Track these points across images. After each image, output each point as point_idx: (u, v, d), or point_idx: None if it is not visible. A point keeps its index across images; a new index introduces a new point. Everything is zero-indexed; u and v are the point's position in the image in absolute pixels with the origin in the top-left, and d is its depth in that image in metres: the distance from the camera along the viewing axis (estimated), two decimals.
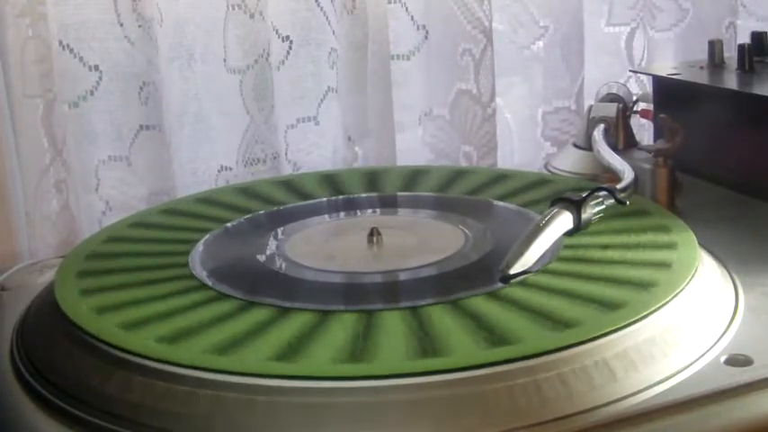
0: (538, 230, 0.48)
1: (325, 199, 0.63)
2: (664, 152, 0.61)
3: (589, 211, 0.51)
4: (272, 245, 0.55)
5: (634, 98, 0.72)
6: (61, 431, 0.39)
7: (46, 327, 0.46)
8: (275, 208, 0.62)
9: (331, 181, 0.67)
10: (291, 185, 0.66)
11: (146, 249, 0.55)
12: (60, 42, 0.67)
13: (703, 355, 0.41)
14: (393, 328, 0.42)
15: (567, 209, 0.50)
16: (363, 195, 0.64)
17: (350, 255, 0.53)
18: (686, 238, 0.50)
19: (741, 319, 0.45)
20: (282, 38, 0.75)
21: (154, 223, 0.60)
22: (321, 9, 0.76)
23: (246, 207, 0.61)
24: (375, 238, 0.54)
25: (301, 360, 0.39)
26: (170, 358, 0.40)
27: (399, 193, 0.64)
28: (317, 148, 0.79)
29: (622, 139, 0.69)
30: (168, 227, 0.59)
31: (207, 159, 0.75)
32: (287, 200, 0.63)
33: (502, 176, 0.66)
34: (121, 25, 0.69)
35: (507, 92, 0.85)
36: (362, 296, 0.49)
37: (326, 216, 0.61)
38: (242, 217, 0.60)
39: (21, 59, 0.66)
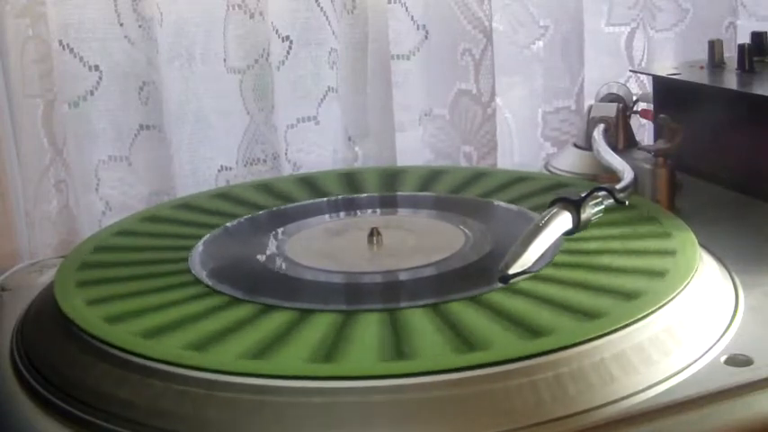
0: (537, 230, 0.48)
1: (325, 199, 0.63)
2: (664, 152, 0.61)
3: (588, 211, 0.51)
4: (271, 244, 0.55)
5: (634, 98, 0.72)
6: (61, 431, 0.39)
7: (46, 327, 0.46)
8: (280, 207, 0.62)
9: (350, 180, 0.67)
10: (311, 183, 0.66)
11: (146, 249, 0.55)
12: (60, 42, 0.67)
13: (703, 355, 0.41)
14: (369, 329, 0.42)
15: (567, 209, 0.50)
16: (364, 195, 0.64)
17: (348, 254, 0.53)
18: (686, 238, 0.50)
19: (741, 319, 0.45)
20: (282, 38, 0.75)
21: (155, 222, 0.60)
22: (321, 9, 0.76)
23: (259, 204, 0.62)
24: (375, 239, 0.54)
25: (271, 359, 0.39)
26: (153, 354, 0.40)
27: (399, 193, 0.64)
28: (317, 148, 0.79)
29: (622, 139, 0.69)
30: (168, 227, 0.59)
31: (207, 159, 0.75)
32: (305, 198, 0.63)
33: (521, 179, 0.65)
34: (121, 25, 0.69)
35: (507, 92, 0.85)
36: (345, 297, 0.49)
37: (327, 216, 0.61)
38: (244, 216, 0.60)
39: (21, 59, 0.66)
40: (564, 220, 0.50)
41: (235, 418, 0.37)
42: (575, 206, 0.50)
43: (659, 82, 0.72)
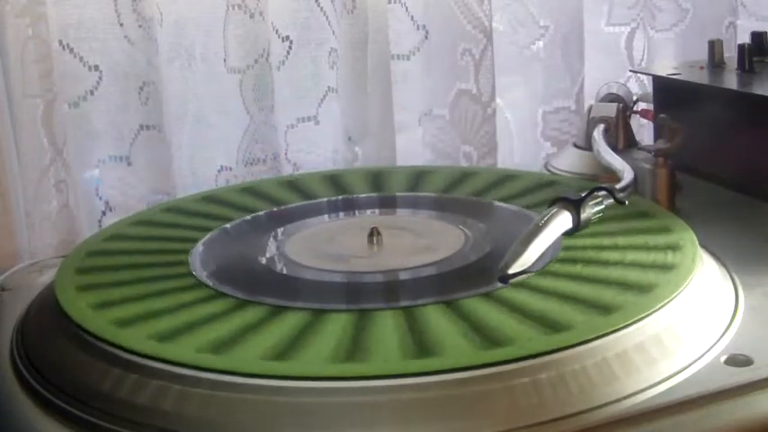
0: (537, 230, 0.48)
1: (325, 199, 0.63)
2: (664, 152, 0.61)
3: (588, 211, 0.51)
4: (271, 245, 0.55)
5: (634, 98, 0.72)
6: (61, 431, 0.39)
7: (46, 327, 0.46)
8: (275, 208, 0.62)
9: (335, 181, 0.67)
10: (295, 186, 0.66)
11: (146, 248, 0.55)
12: (60, 42, 0.67)
13: (703, 355, 0.41)
14: (386, 327, 0.42)
15: (567, 209, 0.50)
16: (363, 195, 0.64)
17: (349, 254, 0.53)
18: (686, 238, 0.50)
19: (741, 319, 0.45)
20: (282, 38, 0.75)
21: (155, 222, 0.60)
22: (321, 9, 0.76)
23: (249, 206, 0.61)
24: (375, 238, 0.54)
25: (294, 360, 0.39)
26: (168, 357, 0.40)
27: (399, 194, 0.64)
28: (316, 148, 0.79)
29: (622, 139, 0.69)
30: (169, 226, 0.59)
31: (207, 159, 0.75)
32: (290, 200, 0.63)
33: (509, 177, 0.65)
34: (121, 25, 0.69)
35: (507, 92, 0.85)
36: (357, 296, 0.49)
37: (327, 216, 0.61)
38: (242, 217, 0.60)
39: (21, 59, 0.66)
40: (564, 220, 0.50)
41: (237, 418, 0.37)
42: (574, 206, 0.50)
43: (659, 82, 0.72)
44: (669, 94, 0.71)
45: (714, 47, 0.71)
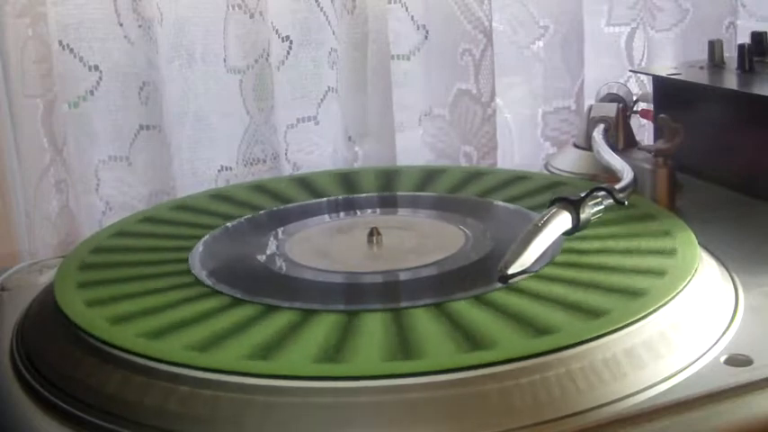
0: (536, 230, 0.48)
1: (325, 199, 0.63)
2: (664, 152, 0.61)
3: (588, 211, 0.51)
4: (271, 244, 0.55)
5: (634, 98, 0.72)
6: (61, 431, 0.39)
7: (46, 327, 0.46)
8: (279, 207, 0.62)
9: (347, 180, 0.67)
10: (307, 185, 0.66)
11: (149, 245, 0.55)
12: (60, 42, 0.67)
13: (703, 355, 0.41)
14: (374, 329, 0.42)
15: (566, 209, 0.50)
16: (363, 195, 0.64)
17: (347, 254, 0.53)
18: (686, 239, 0.50)
19: (741, 319, 0.45)
20: (282, 38, 0.75)
21: (161, 219, 0.60)
22: (321, 9, 0.76)
23: (259, 206, 0.61)
24: (375, 238, 0.54)
25: (277, 359, 0.39)
26: (155, 354, 0.40)
27: (400, 193, 0.64)
28: (317, 148, 0.79)
29: (622, 139, 0.69)
30: (175, 223, 0.59)
31: (207, 159, 0.75)
32: (302, 199, 0.63)
33: (520, 177, 0.65)
34: (121, 25, 0.69)
35: (507, 92, 0.85)
36: (349, 296, 0.49)
37: (327, 216, 0.61)
38: (243, 216, 0.60)
39: (21, 59, 0.66)
40: (563, 220, 0.50)
41: (243, 419, 0.37)
42: (574, 206, 0.50)
43: (659, 82, 0.72)
44: (669, 94, 0.71)
45: (714, 47, 0.71)
